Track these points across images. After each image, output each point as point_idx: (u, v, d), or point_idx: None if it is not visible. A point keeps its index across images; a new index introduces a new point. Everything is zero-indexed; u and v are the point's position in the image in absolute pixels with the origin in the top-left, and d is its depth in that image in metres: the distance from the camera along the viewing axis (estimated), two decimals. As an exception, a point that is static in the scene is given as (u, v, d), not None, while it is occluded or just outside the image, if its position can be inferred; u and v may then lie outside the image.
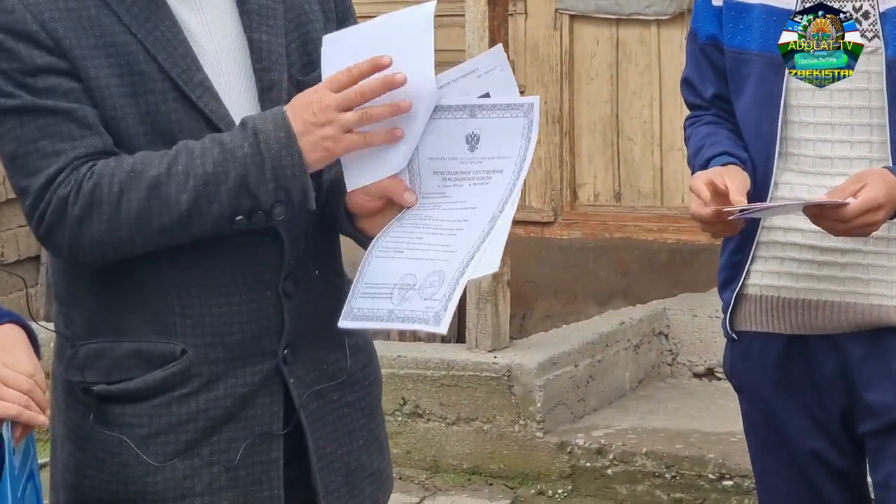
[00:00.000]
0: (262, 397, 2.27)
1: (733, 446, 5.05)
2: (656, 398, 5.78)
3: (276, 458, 2.28)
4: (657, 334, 6.02)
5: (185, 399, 2.24)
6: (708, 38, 2.86)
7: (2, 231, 7.29)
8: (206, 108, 2.21)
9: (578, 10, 6.94)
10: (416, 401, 5.46)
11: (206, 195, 2.13)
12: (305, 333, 2.31)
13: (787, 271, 2.81)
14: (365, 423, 2.42)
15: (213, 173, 2.12)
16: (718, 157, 2.78)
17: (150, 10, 2.20)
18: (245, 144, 2.12)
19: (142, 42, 2.18)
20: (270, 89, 2.26)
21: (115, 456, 2.25)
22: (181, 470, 2.24)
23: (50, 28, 2.15)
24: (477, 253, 2.12)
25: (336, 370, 2.36)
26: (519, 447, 5.33)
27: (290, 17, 2.32)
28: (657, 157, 6.87)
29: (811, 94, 2.75)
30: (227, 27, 2.27)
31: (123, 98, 2.17)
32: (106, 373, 2.25)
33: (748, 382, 2.92)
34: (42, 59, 2.15)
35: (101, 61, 2.17)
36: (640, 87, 6.87)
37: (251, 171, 2.12)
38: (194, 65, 2.21)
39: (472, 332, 5.53)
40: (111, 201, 2.13)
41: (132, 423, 2.24)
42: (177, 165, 2.13)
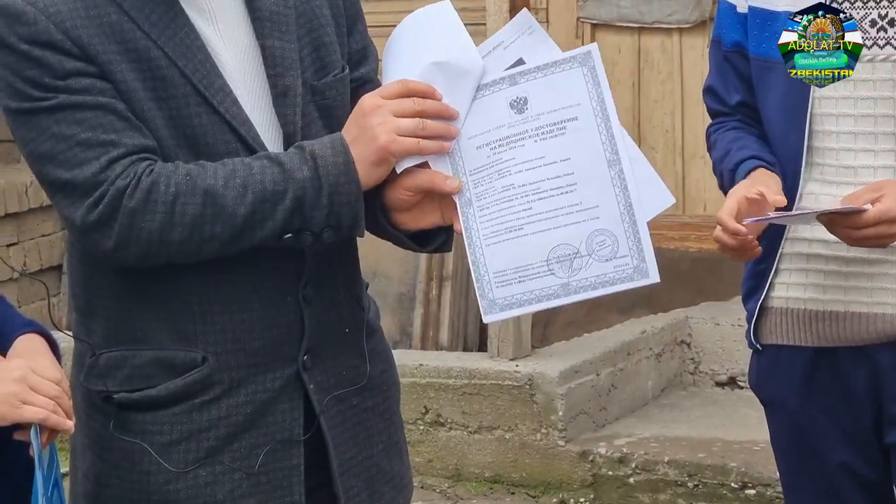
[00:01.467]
0: (282, 403, 2.28)
1: (756, 455, 5.04)
2: (678, 407, 5.77)
3: (297, 465, 2.29)
4: (679, 343, 6.01)
5: (207, 406, 2.25)
6: (732, 45, 2.85)
7: (24, 240, 7.32)
8: (228, 114, 2.22)
9: (600, 19, 6.94)
10: (437, 409, 5.46)
11: (262, 212, 2.16)
12: (325, 339, 2.31)
13: (814, 283, 2.79)
14: (384, 428, 2.42)
15: (273, 191, 2.15)
16: (748, 160, 2.76)
17: (169, 18, 2.21)
18: (305, 167, 2.16)
19: (162, 48, 2.19)
20: (285, 95, 2.27)
21: (137, 465, 2.25)
22: (203, 477, 2.25)
23: (74, 36, 2.15)
24: (629, 196, 2.13)
25: (355, 375, 2.36)
26: (541, 456, 5.32)
27: (302, 22, 2.33)
28: (679, 165, 6.86)
29: (834, 103, 2.74)
30: (240, 35, 2.28)
31: (149, 101, 2.18)
32: (127, 381, 2.26)
33: (775, 396, 2.90)
34: (71, 63, 2.15)
35: (126, 66, 2.17)
36: (661, 96, 6.86)
37: (308, 195, 2.16)
38: (214, 71, 2.22)
39: (493, 340, 5.52)
40: (167, 201, 2.14)
41: (153, 430, 2.25)
42: (235, 178, 2.15)
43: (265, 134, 2.26)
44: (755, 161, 2.76)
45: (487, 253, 2.19)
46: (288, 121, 2.27)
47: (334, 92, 2.33)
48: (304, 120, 2.29)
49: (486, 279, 2.19)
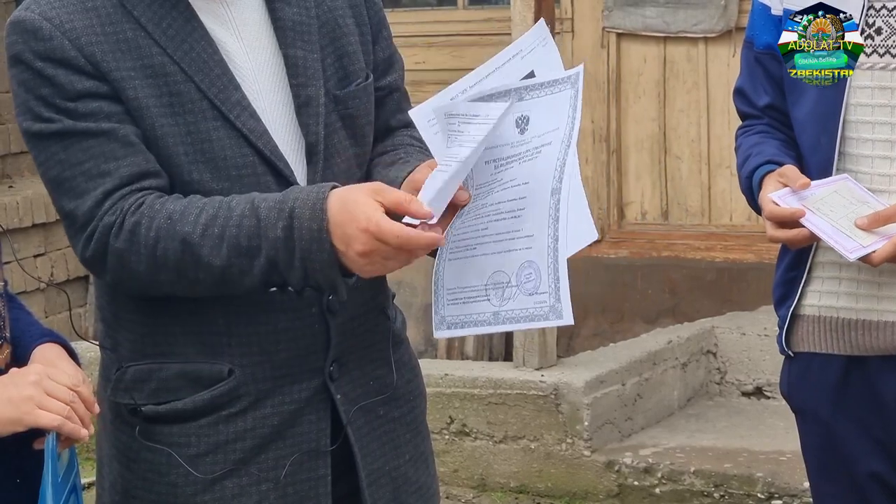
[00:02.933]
0: (309, 414, 2.27)
1: (782, 465, 5.02)
2: (704, 417, 5.75)
3: (324, 475, 2.28)
4: (705, 353, 6.00)
5: (233, 418, 2.24)
6: (765, 46, 2.84)
7: (51, 251, 7.35)
8: (245, 127, 2.21)
9: (626, 28, 6.93)
10: (463, 419, 5.46)
11: (239, 265, 2.11)
12: (351, 349, 2.31)
13: (847, 291, 2.78)
14: (411, 438, 2.41)
15: (247, 247, 2.10)
16: (763, 165, 2.77)
17: (186, 32, 2.20)
18: (280, 225, 2.08)
19: (178, 63, 2.19)
20: (308, 104, 2.26)
21: (164, 476, 2.25)
22: (230, 489, 2.24)
23: (88, 53, 2.15)
24: (559, 229, 2.07)
25: (382, 385, 2.36)
26: (566, 466, 5.32)
27: (325, 32, 2.32)
28: (705, 175, 6.85)
29: (871, 110, 2.72)
30: (263, 44, 2.27)
31: (164, 118, 2.18)
32: (153, 394, 2.25)
33: (807, 404, 2.88)
34: (82, 84, 2.15)
35: (140, 82, 2.17)
36: (687, 105, 6.85)
37: (281, 256, 2.09)
38: (231, 84, 2.21)
39: (519, 350, 5.52)
40: (148, 245, 2.13)
41: (180, 442, 2.24)
42: (213, 227, 2.11)
43: (287, 144, 2.25)
44: (770, 166, 2.76)
45: (447, 268, 2.17)
46: (310, 131, 2.26)
47: (357, 101, 2.32)
48: (327, 129, 2.28)
49: (440, 294, 2.17)
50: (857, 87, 2.72)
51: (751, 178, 2.78)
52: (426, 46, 7.24)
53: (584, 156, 7.09)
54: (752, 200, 2.81)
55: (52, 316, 7.24)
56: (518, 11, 5.47)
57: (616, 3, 6.91)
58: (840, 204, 2.66)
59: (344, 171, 2.29)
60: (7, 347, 2.14)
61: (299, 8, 2.30)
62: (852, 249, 2.58)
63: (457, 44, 7.20)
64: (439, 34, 7.25)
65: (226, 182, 2.20)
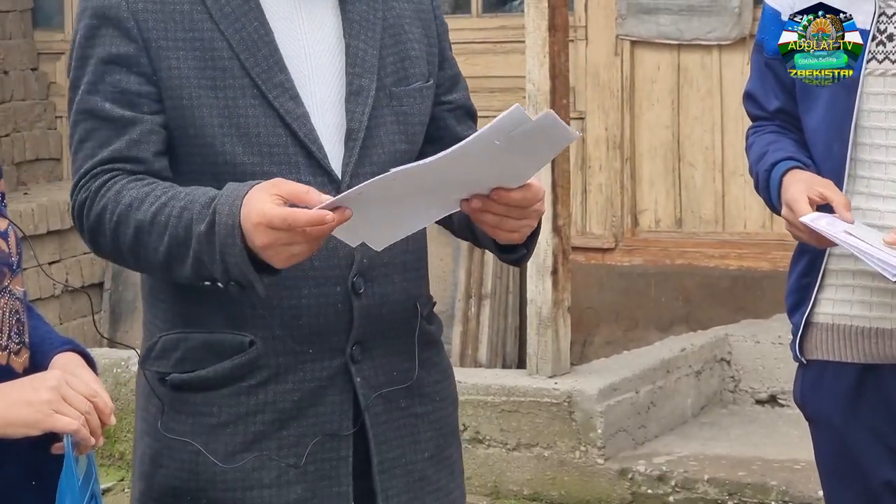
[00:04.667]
0: (331, 395, 2.31)
1: (797, 474, 5.01)
2: (718, 425, 5.74)
3: (345, 456, 2.32)
4: (719, 361, 5.99)
5: (255, 390, 2.29)
6: (774, 52, 2.83)
7: (66, 258, 7.37)
8: (282, 109, 2.28)
9: (639, 36, 6.94)
10: (476, 426, 5.46)
11: (177, 255, 2.19)
12: (376, 335, 2.34)
13: (860, 299, 2.77)
14: (433, 437, 2.42)
15: (184, 238, 2.17)
16: (783, 161, 2.76)
17: (242, 11, 2.30)
18: (204, 221, 2.14)
19: (228, 40, 2.28)
20: (358, 94, 2.33)
21: (188, 445, 2.30)
22: (250, 461, 2.29)
23: (141, 18, 2.27)
24: None
25: (405, 378, 2.38)
26: (579, 473, 5.31)
27: (390, 32, 2.40)
28: (719, 182, 6.85)
29: (884, 116, 2.72)
30: (327, 32, 2.35)
31: (202, 90, 2.27)
32: (179, 363, 2.32)
33: (820, 412, 2.87)
34: (118, 48, 2.27)
35: (185, 53, 2.27)
36: (701, 113, 6.85)
37: (205, 250, 2.15)
38: (277, 66, 2.29)
39: (532, 358, 5.52)
40: (110, 229, 2.24)
41: (203, 411, 2.30)
42: (161, 215, 2.19)
43: (329, 128, 2.31)
44: (791, 162, 2.75)
45: None
46: (354, 118, 2.32)
47: (412, 100, 2.39)
48: (375, 121, 2.34)
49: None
50: (870, 94, 2.72)
51: (770, 171, 2.77)
52: (440, 54, 7.25)
53: (598, 163, 7.10)
54: (768, 196, 2.80)
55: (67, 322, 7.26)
56: (532, 19, 5.47)
57: (630, 11, 6.92)
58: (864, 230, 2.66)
59: (385, 163, 2.32)
60: (26, 352, 2.17)
61: (368, 6, 2.39)
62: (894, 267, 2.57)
63: (470, 51, 7.21)
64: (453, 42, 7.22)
65: (256, 157, 2.27)
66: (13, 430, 2.01)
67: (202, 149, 2.28)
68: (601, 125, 7.05)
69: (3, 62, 7.80)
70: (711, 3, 6.73)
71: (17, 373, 2.12)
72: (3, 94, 7.78)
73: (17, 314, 2.15)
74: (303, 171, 2.27)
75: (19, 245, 2.18)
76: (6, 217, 2.17)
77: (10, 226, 2.17)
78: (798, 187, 2.68)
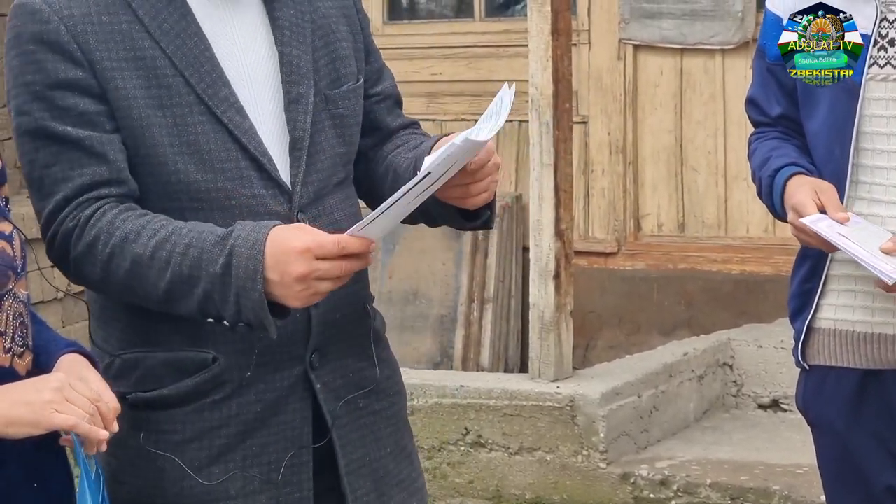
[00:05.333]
0: (292, 403, 2.33)
1: (799, 478, 5.01)
2: (721, 429, 5.74)
3: (306, 461, 2.34)
4: (721, 365, 5.99)
5: (218, 405, 2.30)
6: (776, 57, 2.83)
7: (69, 260, 7.37)
8: (231, 123, 2.27)
9: (642, 40, 6.94)
10: (478, 430, 5.46)
11: (181, 291, 2.18)
12: (332, 341, 2.36)
13: (863, 305, 2.77)
14: (391, 433, 2.46)
15: (189, 276, 2.16)
16: (786, 167, 2.76)
17: (181, 27, 2.27)
18: (220, 261, 2.15)
19: (170, 57, 2.26)
20: (298, 102, 2.33)
21: (152, 461, 2.30)
22: (216, 474, 2.30)
23: (82, 41, 2.23)
24: None
25: (362, 378, 2.42)
26: (582, 477, 5.31)
27: (319, 35, 2.40)
28: (721, 187, 6.84)
29: (886, 121, 2.72)
30: (259, 41, 2.34)
31: (150, 109, 2.25)
32: (139, 382, 2.31)
33: (822, 417, 2.87)
34: (66, 73, 2.23)
35: (130, 73, 2.24)
36: (704, 117, 6.85)
37: (217, 290, 2.15)
38: (220, 80, 2.28)
39: (534, 362, 5.52)
40: (103, 260, 2.21)
41: (167, 429, 2.30)
42: (162, 250, 2.18)
43: (273, 139, 2.32)
44: (794, 167, 2.75)
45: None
46: (297, 126, 2.33)
47: (347, 102, 2.41)
48: (315, 127, 2.35)
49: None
50: (872, 99, 2.72)
51: (773, 177, 2.77)
52: (443, 58, 7.24)
53: (601, 167, 7.10)
54: (771, 202, 2.80)
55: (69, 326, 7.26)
56: (535, 23, 5.48)
57: (633, 15, 6.92)
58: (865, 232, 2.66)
59: (328, 168, 2.37)
60: (29, 355, 2.17)
61: (295, 10, 2.38)
62: (892, 272, 2.56)
63: (473, 55, 7.21)
64: (456, 45, 7.25)
65: (209, 174, 2.26)
66: (15, 429, 2.01)
67: (155, 168, 2.26)
68: (604, 129, 7.05)
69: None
70: (714, 7, 6.73)
71: (21, 375, 2.13)
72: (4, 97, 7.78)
73: (21, 317, 2.15)
74: (255, 185, 2.28)
75: (24, 248, 2.18)
76: (10, 221, 2.18)
77: (15, 229, 2.17)
78: (804, 190, 2.69)
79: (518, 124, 6.96)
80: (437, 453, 5.50)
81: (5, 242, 2.13)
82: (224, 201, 2.27)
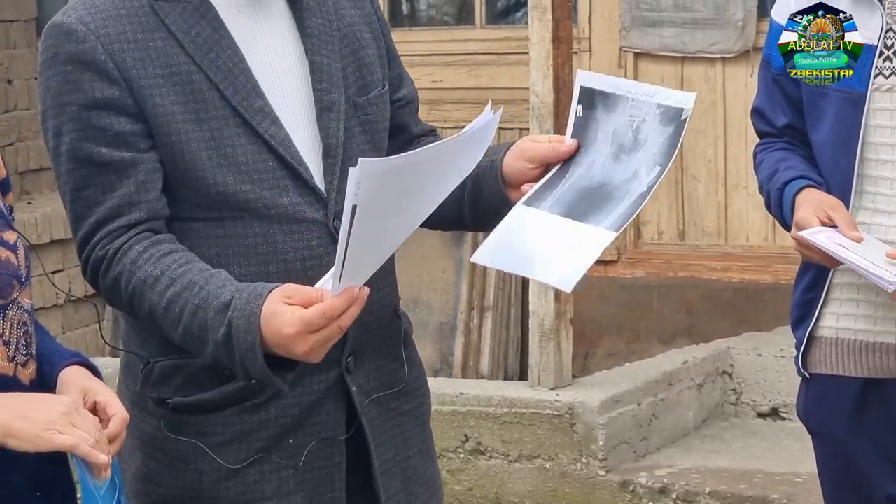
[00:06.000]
0: (327, 405, 2.36)
1: (798, 487, 5.01)
2: (720, 438, 5.74)
3: (338, 462, 2.37)
4: (721, 373, 5.99)
5: (257, 408, 2.33)
6: (782, 67, 2.84)
7: (69, 268, 7.37)
8: (266, 134, 2.30)
9: (643, 48, 6.94)
10: (478, 438, 5.46)
11: (193, 346, 2.23)
12: (366, 343, 2.39)
13: (865, 314, 2.77)
14: (419, 432, 2.51)
15: (198, 336, 2.20)
16: (795, 180, 2.75)
17: (214, 41, 2.29)
18: (221, 329, 2.17)
19: (205, 71, 2.28)
20: (330, 109, 2.36)
21: (190, 464, 2.33)
22: (252, 475, 2.33)
23: (119, 59, 2.25)
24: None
25: (393, 380, 2.45)
26: (581, 485, 5.31)
27: (346, 42, 2.43)
28: (721, 195, 6.84)
29: (890, 132, 2.72)
30: (289, 50, 2.37)
31: (188, 124, 2.27)
32: (181, 388, 2.34)
33: (824, 426, 2.87)
34: (102, 92, 2.25)
35: (166, 90, 2.26)
36: (704, 126, 6.85)
37: (223, 356, 2.19)
38: (254, 91, 2.30)
39: (534, 369, 5.52)
40: (126, 298, 2.26)
41: (206, 431, 2.33)
42: (175, 306, 2.21)
43: (307, 147, 2.34)
44: (803, 181, 2.75)
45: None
46: (330, 134, 2.35)
47: (375, 108, 2.44)
48: (347, 134, 2.37)
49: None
50: (877, 109, 2.72)
51: (782, 190, 2.77)
52: (444, 65, 7.25)
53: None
54: (781, 214, 2.80)
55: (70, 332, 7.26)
56: (536, 31, 5.48)
57: (633, 23, 6.92)
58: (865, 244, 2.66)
59: None
60: (33, 364, 2.17)
61: (323, 19, 2.41)
62: (893, 280, 2.57)
63: (474, 63, 7.21)
64: (457, 53, 7.26)
65: (248, 185, 2.29)
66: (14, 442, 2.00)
67: (194, 182, 2.28)
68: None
69: (7, 72, 7.80)
70: (715, 15, 6.74)
71: (24, 384, 2.13)
72: (8, 104, 7.78)
73: (26, 326, 2.15)
74: (291, 193, 2.31)
75: (28, 257, 2.19)
76: (15, 230, 2.18)
77: (19, 238, 2.17)
78: (807, 208, 2.69)
79: (519, 132, 6.96)
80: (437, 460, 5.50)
81: (10, 252, 2.14)
82: (263, 211, 2.30)
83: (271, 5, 2.37)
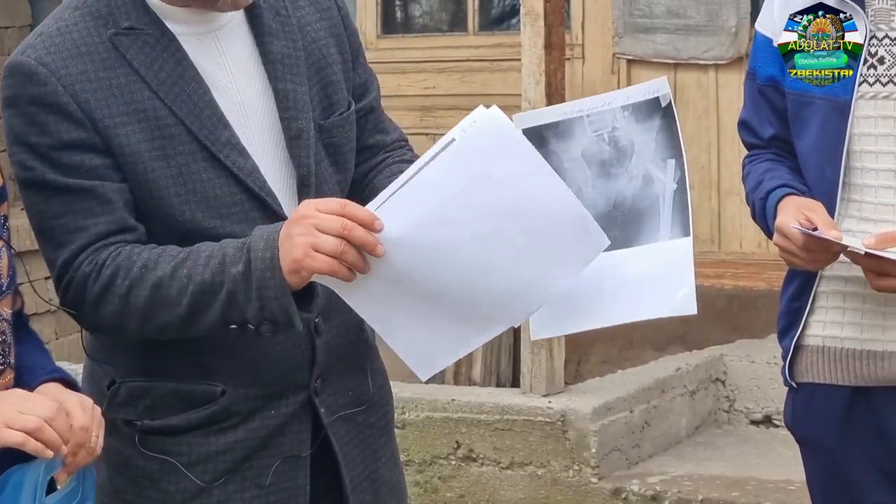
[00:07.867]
0: (293, 425, 2.36)
1: (791, 494, 5.00)
2: (713, 445, 5.74)
3: (303, 484, 2.37)
4: (714, 380, 5.98)
5: (224, 431, 2.32)
6: (767, 79, 2.84)
7: (61, 272, 7.37)
8: (234, 166, 2.27)
9: (636, 55, 6.94)
10: (470, 444, 5.45)
11: (204, 302, 2.18)
12: (334, 364, 2.39)
13: (851, 321, 2.76)
14: (385, 442, 2.51)
15: (211, 283, 2.17)
16: (778, 188, 2.76)
17: (177, 74, 2.25)
18: (240, 261, 2.15)
19: (170, 107, 2.24)
20: (298, 137, 2.32)
21: (155, 482, 2.32)
22: (216, 496, 2.33)
23: (82, 100, 2.21)
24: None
25: (359, 395, 2.46)
26: (573, 492, 5.30)
27: (311, 62, 2.38)
28: (715, 202, 6.85)
29: (874, 140, 2.72)
30: (253, 78, 2.33)
31: (155, 161, 2.24)
32: (148, 410, 2.33)
33: (811, 434, 2.87)
34: (69, 134, 2.21)
35: (132, 127, 2.23)
36: (697, 132, 6.85)
37: (240, 289, 2.15)
38: (220, 123, 2.27)
39: (526, 376, 5.51)
40: (121, 294, 2.20)
41: (172, 451, 2.32)
42: (182, 268, 2.18)
43: (277, 176, 2.32)
44: (786, 189, 2.75)
45: None
46: (301, 163, 2.32)
47: (340, 130, 2.40)
48: (315, 159, 2.34)
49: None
50: (861, 117, 2.72)
51: (765, 199, 2.77)
52: (437, 72, 7.25)
53: (594, 182, 7.09)
54: (765, 224, 2.80)
55: (63, 338, 7.25)
56: (528, 37, 5.48)
57: (626, 30, 6.93)
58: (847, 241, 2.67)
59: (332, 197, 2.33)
60: (10, 373, 2.15)
61: (286, 41, 2.36)
62: None
63: (467, 69, 7.21)
64: (450, 59, 7.26)
65: (217, 220, 2.27)
66: None
67: (164, 218, 2.26)
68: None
69: (0, 77, 7.81)
70: (708, 22, 6.74)
71: (0, 394, 2.11)
72: (0, 109, 7.78)
73: (4, 335, 2.13)
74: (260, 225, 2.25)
75: (11, 266, 2.16)
76: (2, 238, 2.15)
77: (4, 247, 2.15)
78: (787, 212, 2.69)
79: (511, 138, 6.96)
80: (429, 467, 5.49)
81: None
82: None
83: (232, 31, 2.32)
